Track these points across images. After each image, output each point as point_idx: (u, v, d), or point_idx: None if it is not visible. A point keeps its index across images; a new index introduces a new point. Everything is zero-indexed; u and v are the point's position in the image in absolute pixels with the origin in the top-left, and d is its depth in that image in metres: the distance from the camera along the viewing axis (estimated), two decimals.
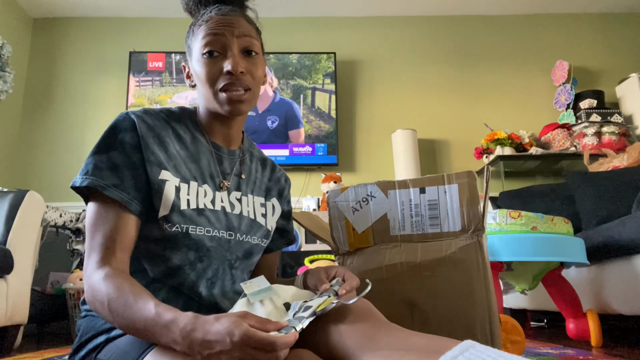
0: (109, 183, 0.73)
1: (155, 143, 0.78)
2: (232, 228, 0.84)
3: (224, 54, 0.80)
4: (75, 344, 0.79)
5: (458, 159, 3.55)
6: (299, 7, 3.66)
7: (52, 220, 2.68)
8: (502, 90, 3.67)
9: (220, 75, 0.79)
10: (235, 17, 0.82)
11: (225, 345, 0.55)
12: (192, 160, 0.83)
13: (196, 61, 0.82)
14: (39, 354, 1.83)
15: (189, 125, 0.86)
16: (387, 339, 0.60)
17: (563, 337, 2.14)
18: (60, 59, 3.61)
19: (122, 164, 0.75)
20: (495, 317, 0.89)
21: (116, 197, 0.73)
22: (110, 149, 0.75)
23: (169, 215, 0.76)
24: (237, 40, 0.80)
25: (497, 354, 0.52)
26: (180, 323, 0.59)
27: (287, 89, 3.57)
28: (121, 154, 0.75)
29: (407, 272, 0.94)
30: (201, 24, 0.82)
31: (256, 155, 0.97)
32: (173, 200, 0.76)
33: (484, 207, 0.92)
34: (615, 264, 1.82)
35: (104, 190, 0.72)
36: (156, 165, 0.77)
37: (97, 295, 0.67)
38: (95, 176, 0.73)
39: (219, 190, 0.84)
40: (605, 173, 2.37)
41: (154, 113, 0.82)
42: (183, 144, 0.83)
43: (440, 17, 3.81)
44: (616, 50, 3.74)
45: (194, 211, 0.79)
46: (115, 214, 0.73)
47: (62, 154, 3.43)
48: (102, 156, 0.75)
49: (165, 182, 0.77)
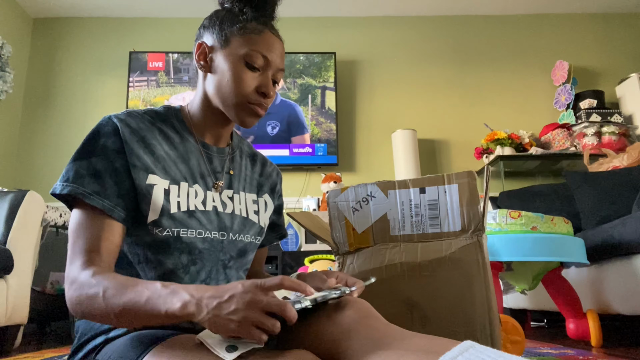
0: (90, 190, 0.72)
1: (140, 147, 0.77)
2: (224, 228, 0.83)
3: (262, 73, 0.82)
4: (74, 346, 0.79)
5: (458, 159, 3.55)
6: (299, 7, 3.66)
7: (52, 220, 2.68)
8: (502, 90, 3.67)
9: (253, 90, 0.81)
10: (281, 47, 0.84)
11: (236, 289, 0.58)
12: (181, 160, 0.82)
13: (232, 58, 0.80)
14: (39, 354, 1.83)
15: (175, 124, 0.85)
16: (386, 340, 0.60)
17: (563, 337, 2.14)
18: (60, 59, 3.61)
19: (104, 170, 0.74)
20: (495, 317, 0.89)
21: (98, 205, 0.71)
22: (91, 155, 0.74)
23: (159, 220, 0.75)
24: (276, 71, 0.84)
25: (496, 354, 0.52)
26: (190, 286, 0.61)
27: (294, 88, 3.46)
28: (103, 160, 0.74)
29: (407, 272, 0.94)
30: (253, 32, 0.81)
31: (246, 151, 0.97)
32: (162, 205, 0.76)
33: (484, 207, 0.92)
34: (615, 264, 1.82)
35: (84, 198, 0.71)
36: (142, 170, 0.75)
37: (89, 290, 0.65)
38: (76, 183, 0.72)
39: (210, 190, 0.84)
40: (605, 173, 2.37)
41: (137, 115, 0.80)
42: (172, 144, 0.82)
43: (440, 17, 3.81)
44: (616, 50, 3.74)
45: (184, 214, 0.78)
46: (98, 221, 0.72)
47: (62, 154, 3.43)
48: (82, 162, 0.73)
49: (153, 186, 0.76)
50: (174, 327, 0.77)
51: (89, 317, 0.67)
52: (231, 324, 0.57)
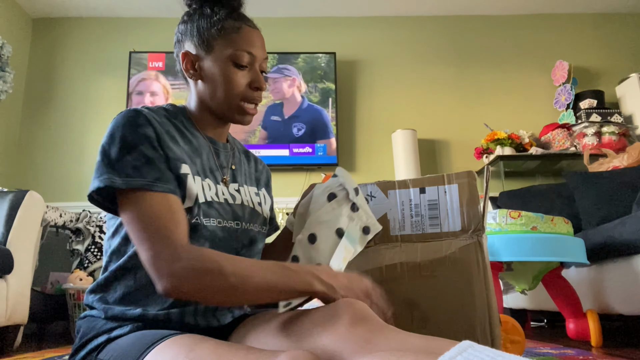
0: (152, 179, 0.72)
1: (168, 139, 0.79)
2: (238, 217, 0.86)
3: (250, 69, 0.85)
4: (75, 345, 0.79)
5: (458, 159, 3.55)
6: (299, 7, 3.66)
7: (52, 220, 2.68)
8: (502, 90, 3.67)
9: (245, 88, 0.84)
10: (261, 37, 0.87)
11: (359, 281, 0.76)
12: (196, 155, 0.84)
13: (219, 62, 0.83)
14: (39, 354, 1.83)
15: (184, 121, 0.87)
16: (384, 341, 0.60)
17: (563, 337, 2.14)
18: (60, 59, 3.61)
19: (155, 158, 0.74)
20: (495, 317, 0.89)
21: (164, 190, 0.72)
22: (137, 144, 0.73)
23: (193, 207, 0.77)
24: (262, 62, 0.87)
25: (495, 353, 0.52)
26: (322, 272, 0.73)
27: (315, 92, 3.48)
28: (150, 148, 0.74)
29: (407, 272, 0.94)
30: (232, 31, 0.83)
31: (239, 148, 1.00)
32: (196, 193, 0.78)
33: (484, 207, 0.92)
34: (615, 264, 1.82)
35: (151, 187, 0.71)
36: (175, 159, 0.77)
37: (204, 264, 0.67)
38: (138, 177, 0.71)
39: (219, 184, 0.86)
40: (605, 173, 2.37)
41: (156, 110, 0.82)
42: (186, 139, 0.84)
43: (440, 17, 3.81)
44: (616, 50, 3.74)
45: (204, 204, 0.80)
46: (165, 202, 0.72)
47: (62, 154, 3.43)
48: (133, 154, 0.72)
49: (187, 175, 0.78)
50: (178, 326, 0.77)
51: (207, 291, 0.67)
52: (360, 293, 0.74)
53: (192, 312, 0.79)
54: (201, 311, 0.80)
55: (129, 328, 0.74)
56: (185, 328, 0.76)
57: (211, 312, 0.82)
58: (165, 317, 0.76)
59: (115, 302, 0.78)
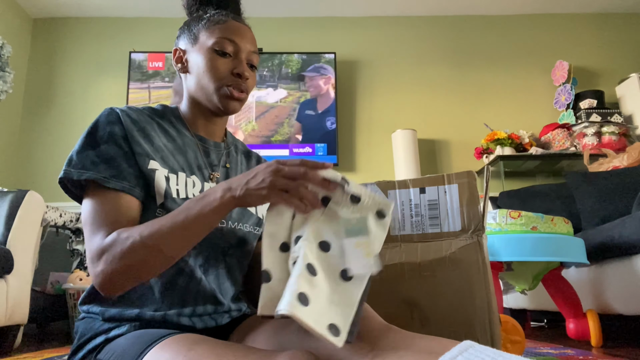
0: (108, 175, 0.74)
1: (140, 136, 0.79)
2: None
3: (234, 58, 0.85)
4: (74, 346, 0.79)
5: (458, 159, 3.55)
6: (299, 7, 3.66)
7: (52, 220, 2.68)
8: (502, 90, 3.67)
9: (228, 74, 0.84)
10: (249, 32, 0.88)
11: (260, 167, 0.68)
12: (179, 152, 0.84)
13: (203, 52, 0.85)
14: (39, 354, 1.83)
15: (173, 120, 0.88)
16: (385, 341, 0.60)
17: (563, 337, 2.14)
18: (60, 59, 3.61)
19: (116, 155, 0.76)
20: (495, 317, 0.89)
21: (118, 187, 0.73)
22: (100, 143, 0.76)
23: (164, 203, 0.78)
24: (249, 54, 0.87)
25: (496, 353, 0.52)
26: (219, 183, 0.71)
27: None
28: (113, 146, 0.76)
29: (407, 272, 0.94)
30: (217, 23, 0.85)
31: (240, 148, 1.00)
32: (165, 188, 0.78)
33: (484, 207, 0.92)
34: (615, 264, 1.82)
35: (104, 182, 0.73)
36: (144, 155, 0.78)
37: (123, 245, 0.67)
38: (92, 170, 0.74)
39: (207, 181, 0.86)
40: (605, 173, 2.37)
41: (136, 109, 0.84)
42: (169, 137, 0.85)
43: (440, 17, 3.81)
44: (616, 50, 3.74)
45: (183, 200, 0.79)
46: (117, 200, 0.74)
47: (62, 154, 3.42)
48: (93, 150, 0.76)
49: (155, 171, 0.78)
50: (175, 327, 0.77)
51: (133, 272, 0.68)
52: (262, 191, 0.66)
53: (189, 313, 0.79)
54: (198, 313, 0.80)
55: (126, 328, 0.74)
56: (182, 329, 0.76)
57: (208, 314, 0.82)
58: (161, 318, 0.76)
59: (111, 304, 0.78)
